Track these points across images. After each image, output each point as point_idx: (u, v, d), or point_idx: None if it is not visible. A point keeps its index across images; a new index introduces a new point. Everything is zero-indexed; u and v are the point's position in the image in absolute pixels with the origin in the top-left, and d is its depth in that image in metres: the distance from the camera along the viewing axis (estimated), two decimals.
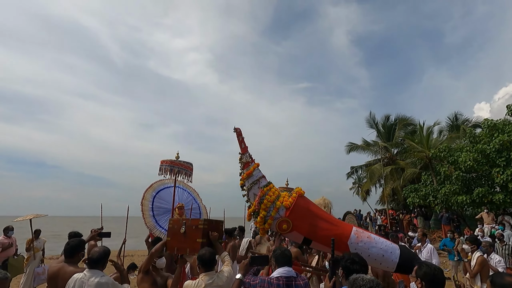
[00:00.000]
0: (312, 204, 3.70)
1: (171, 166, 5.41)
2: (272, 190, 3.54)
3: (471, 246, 4.96)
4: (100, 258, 2.56)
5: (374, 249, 3.23)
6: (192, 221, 2.93)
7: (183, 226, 2.88)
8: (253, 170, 3.60)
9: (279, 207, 3.41)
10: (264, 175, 3.69)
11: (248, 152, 3.69)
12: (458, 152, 13.32)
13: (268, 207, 3.41)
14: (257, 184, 3.57)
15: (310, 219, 3.41)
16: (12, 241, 6.87)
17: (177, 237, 2.90)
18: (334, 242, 3.06)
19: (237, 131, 3.71)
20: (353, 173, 22.74)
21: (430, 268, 2.04)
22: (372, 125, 21.91)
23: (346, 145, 22.56)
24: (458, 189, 12.88)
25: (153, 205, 6.34)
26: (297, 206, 3.45)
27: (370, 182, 20.00)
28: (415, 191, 14.97)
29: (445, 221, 12.98)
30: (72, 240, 2.99)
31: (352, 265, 2.13)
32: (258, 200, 3.45)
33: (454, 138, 17.17)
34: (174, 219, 3.07)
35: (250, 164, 3.64)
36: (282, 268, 2.46)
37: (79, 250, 2.88)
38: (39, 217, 6.84)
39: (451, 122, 19.27)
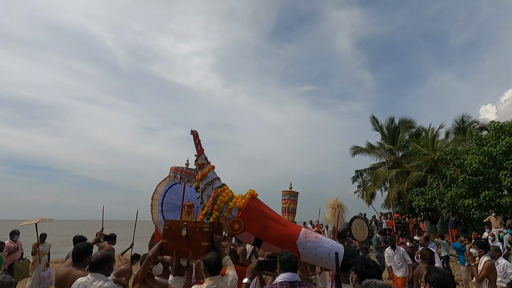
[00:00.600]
0: (264, 206, 3.80)
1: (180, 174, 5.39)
2: (226, 192, 3.65)
3: (479, 251, 4.88)
4: (99, 261, 2.54)
5: (321, 248, 3.40)
6: (196, 224, 2.83)
7: (185, 228, 2.77)
8: (207, 172, 3.71)
9: (232, 208, 3.51)
10: (218, 177, 3.81)
11: (204, 154, 3.82)
12: (464, 154, 13.17)
13: (221, 207, 3.50)
14: (211, 185, 3.69)
15: (261, 220, 3.52)
16: (18, 245, 6.94)
17: (176, 239, 2.78)
18: (284, 242, 3.39)
19: (194, 134, 3.82)
20: (358, 177, 22.58)
21: (440, 273, 1.99)
22: (376, 128, 21.79)
23: (350, 148, 22.44)
24: (464, 192, 12.71)
25: (164, 200, 6.21)
26: (249, 207, 3.57)
27: (375, 186, 19.81)
28: (421, 194, 14.80)
29: (452, 224, 12.79)
30: (80, 244, 3.02)
31: (368, 269, 2.10)
32: (212, 201, 3.55)
33: (460, 140, 16.98)
34: (171, 221, 2.92)
35: (205, 166, 3.74)
36: (286, 273, 2.44)
37: (87, 254, 2.88)
38: (45, 221, 6.91)
39: (457, 125, 19.08)
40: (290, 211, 7.00)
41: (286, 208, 6.94)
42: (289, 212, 7.01)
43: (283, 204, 6.97)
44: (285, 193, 7.00)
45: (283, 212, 7.08)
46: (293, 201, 6.96)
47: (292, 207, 6.99)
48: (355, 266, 2.17)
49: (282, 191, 7.03)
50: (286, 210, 6.99)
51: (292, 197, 6.96)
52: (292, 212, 7.05)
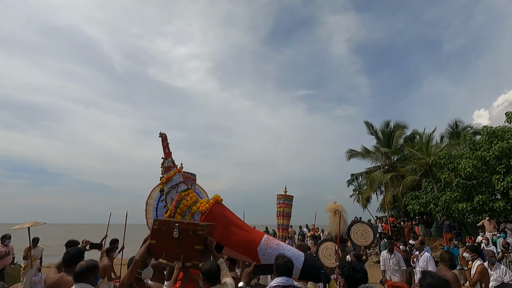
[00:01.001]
0: (228, 211, 3.79)
1: None
2: (190, 196, 3.65)
3: (472, 255, 4.93)
4: (83, 271, 2.46)
5: None
6: (188, 225, 2.59)
7: (176, 229, 2.53)
8: (173, 175, 3.70)
9: (195, 212, 3.51)
10: (184, 181, 3.82)
11: (171, 157, 3.81)
12: (458, 159, 13.30)
13: (184, 211, 3.50)
14: (176, 188, 3.68)
15: (224, 225, 3.48)
16: (9, 249, 6.85)
17: (166, 241, 2.54)
18: (244, 248, 3.37)
19: (162, 136, 3.82)
20: (353, 180, 22.67)
21: (434, 278, 2.01)
22: (371, 132, 21.94)
23: (346, 151, 22.56)
24: (458, 196, 12.82)
25: (158, 205, 6.18)
26: (212, 212, 3.55)
27: (370, 189, 19.92)
28: (415, 198, 14.90)
29: (446, 228, 12.87)
30: (71, 248, 2.95)
31: (355, 273, 2.10)
32: (175, 204, 3.55)
33: (454, 145, 17.17)
34: (161, 220, 2.68)
35: (172, 169, 3.74)
36: (280, 278, 2.47)
37: (78, 259, 2.80)
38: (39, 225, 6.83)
39: (451, 129, 19.30)
40: (285, 215, 7.00)
41: (281, 212, 6.94)
42: (284, 216, 7.01)
43: (278, 208, 6.96)
44: (279, 196, 7.00)
45: (278, 216, 7.07)
46: (287, 205, 6.96)
47: (287, 211, 6.99)
48: (342, 270, 2.17)
49: (277, 195, 7.03)
50: (280, 214, 6.99)
51: (286, 200, 6.96)
52: (287, 216, 7.05)
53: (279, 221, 7.06)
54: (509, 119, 12.75)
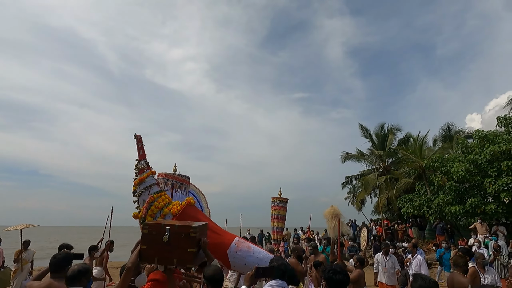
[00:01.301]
0: (200, 214, 3.90)
1: (165, 179, 5.35)
2: (162, 198, 3.72)
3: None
4: (75, 275, 2.42)
5: (251, 258, 3.50)
6: (180, 228, 2.48)
7: (167, 233, 2.43)
8: (146, 177, 3.79)
9: (166, 214, 3.58)
10: (157, 183, 3.90)
11: (145, 159, 3.90)
12: (451, 162, 13.47)
13: (155, 213, 3.57)
14: (148, 190, 3.75)
15: None
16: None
17: (157, 245, 2.43)
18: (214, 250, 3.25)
19: (137, 138, 3.93)
20: (348, 183, 22.76)
21: (425, 281, 2.03)
22: (365, 135, 22.11)
23: (341, 154, 22.68)
24: (451, 199, 12.96)
25: None
26: (184, 214, 3.62)
27: (365, 192, 20.03)
28: (409, 201, 15.02)
29: (440, 231, 13.00)
30: (59, 253, 2.82)
31: (335, 275, 2.11)
32: (146, 206, 3.61)
33: (447, 148, 17.37)
34: (152, 224, 2.57)
35: (145, 171, 3.82)
36: (274, 281, 2.48)
37: (66, 264, 2.69)
38: (31, 227, 6.73)
39: (444, 133, 19.54)
40: (279, 217, 7.02)
41: (276, 215, 6.96)
42: (279, 218, 7.03)
43: (273, 211, 6.98)
44: (274, 199, 7.02)
45: (273, 218, 7.09)
46: (282, 208, 6.99)
47: (281, 213, 7.01)
48: (323, 273, 2.19)
49: (272, 198, 7.05)
50: (275, 217, 7.01)
51: (281, 203, 6.98)
52: (282, 218, 7.07)
53: (274, 224, 7.08)
54: (501, 124, 12.97)
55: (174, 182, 5.46)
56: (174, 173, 5.54)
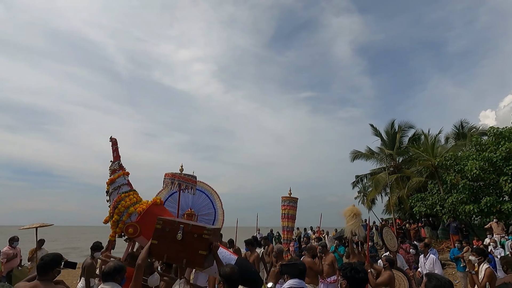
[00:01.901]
0: (166, 213, 3.98)
1: (178, 180, 5.39)
2: (130, 197, 3.88)
3: (478, 258, 4.84)
4: (110, 272, 2.47)
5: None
6: (194, 228, 2.44)
7: (180, 231, 2.40)
8: (116, 177, 4.02)
9: (132, 213, 3.74)
10: (128, 183, 4.09)
11: (119, 161, 4.14)
12: (464, 160, 13.15)
13: (121, 212, 3.75)
14: (117, 190, 3.96)
15: None
16: (16, 251, 6.90)
17: (169, 242, 2.40)
18: None
19: (113, 141, 4.19)
20: (358, 182, 22.52)
21: (440, 281, 1.98)
22: (376, 133, 21.82)
23: (350, 152, 22.43)
24: (465, 198, 12.66)
25: None
26: (148, 213, 3.74)
27: (375, 191, 19.75)
28: (421, 200, 14.75)
29: (453, 230, 12.72)
30: (47, 255, 2.70)
31: (357, 274, 2.09)
32: (114, 205, 3.80)
33: (460, 146, 16.98)
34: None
35: (117, 172, 4.05)
36: (292, 280, 2.48)
37: (53, 267, 2.60)
38: (45, 227, 6.86)
39: (457, 130, 19.11)
40: (289, 217, 6.98)
41: (286, 214, 6.93)
42: (289, 218, 6.99)
43: (283, 210, 6.96)
44: (284, 199, 6.99)
45: (283, 218, 7.06)
46: (292, 207, 6.95)
47: (291, 213, 6.98)
48: (344, 272, 2.15)
49: (282, 197, 7.02)
50: (285, 216, 6.97)
51: (291, 203, 6.95)
52: (292, 218, 7.04)
53: (284, 223, 7.04)
54: None
55: (181, 182, 5.47)
56: (180, 173, 5.55)
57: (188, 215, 5.89)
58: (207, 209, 6.57)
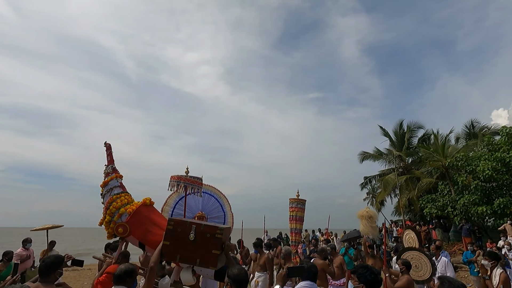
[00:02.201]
0: (154, 213, 4.14)
1: (178, 181, 5.41)
2: (121, 198, 4.04)
3: (491, 262, 4.72)
4: (120, 275, 2.46)
5: None
6: (206, 228, 2.46)
7: (192, 232, 2.42)
8: (109, 180, 4.22)
9: (123, 213, 3.89)
10: (121, 185, 4.27)
11: (112, 165, 4.35)
12: (476, 160, 12.88)
13: (113, 212, 3.89)
14: (110, 192, 4.13)
15: (146, 225, 3.83)
16: (30, 253, 7.05)
17: (181, 243, 2.41)
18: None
19: (107, 146, 4.43)
20: (366, 184, 22.28)
21: (453, 284, 1.96)
22: (385, 134, 21.56)
23: (359, 153, 22.23)
24: (477, 199, 12.39)
25: (174, 212, 6.19)
26: (138, 213, 3.91)
27: (384, 193, 19.51)
28: (432, 202, 14.49)
29: (466, 233, 12.44)
30: (48, 257, 2.67)
31: (376, 277, 2.11)
32: (106, 206, 3.98)
33: (471, 146, 16.64)
34: (177, 220, 2.55)
35: (110, 175, 4.25)
36: (304, 282, 2.51)
37: (55, 268, 2.57)
38: (56, 228, 7.01)
39: (467, 130, 18.73)
40: (297, 219, 6.95)
41: (294, 216, 6.90)
42: (297, 220, 6.96)
43: (291, 212, 6.92)
44: (292, 201, 6.96)
45: (291, 220, 7.03)
46: (300, 209, 6.92)
47: (299, 215, 6.94)
48: (362, 276, 2.13)
49: (290, 199, 6.99)
50: (293, 218, 6.94)
51: (299, 204, 6.91)
52: (300, 220, 7.00)
53: (292, 225, 7.01)
54: None
55: (186, 184, 5.48)
56: (186, 175, 5.56)
57: (199, 218, 5.91)
58: (217, 212, 6.59)
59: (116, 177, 4.28)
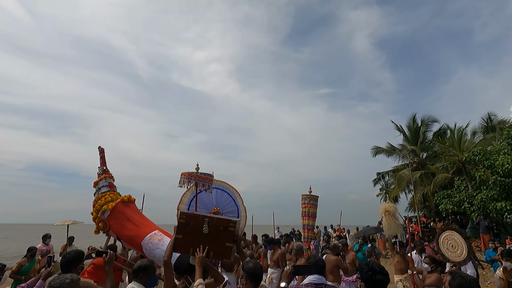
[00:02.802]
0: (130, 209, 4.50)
1: (188, 178, 5.47)
2: (106, 196, 4.48)
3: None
4: (136, 270, 2.55)
5: (159, 250, 3.81)
6: (219, 221, 2.48)
7: (206, 225, 2.43)
8: (99, 181, 4.74)
9: (105, 210, 4.33)
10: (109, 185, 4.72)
11: (104, 167, 4.87)
12: (495, 155, 12.47)
13: (98, 210, 4.35)
14: (98, 191, 4.64)
15: (121, 221, 4.22)
16: (49, 247, 7.31)
17: (194, 236, 2.42)
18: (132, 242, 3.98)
19: (100, 150, 4.96)
20: (379, 180, 21.95)
21: (465, 279, 1.93)
22: (398, 129, 21.13)
23: (371, 148, 21.90)
24: (496, 194, 12.00)
25: (189, 209, 6.30)
26: (115, 209, 4.33)
27: (398, 188, 19.16)
28: (448, 197, 14.15)
29: (484, 229, 12.10)
30: (68, 252, 2.71)
31: (374, 275, 1.94)
32: (93, 203, 4.48)
33: (489, 140, 16.12)
34: (189, 214, 2.54)
35: (100, 176, 4.76)
36: (313, 276, 2.48)
37: (76, 264, 2.61)
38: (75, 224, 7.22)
39: (485, 123, 18.14)
40: (310, 215, 6.91)
41: (306, 212, 6.85)
42: (309, 216, 6.91)
43: (303, 208, 6.89)
44: (304, 197, 6.92)
45: (303, 216, 6.99)
46: (313, 205, 6.87)
47: (312, 211, 6.90)
48: (361, 274, 2.00)
49: (302, 195, 6.95)
50: (306, 214, 6.90)
51: (312, 201, 6.86)
52: (312, 216, 6.96)
53: (304, 221, 6.98)
54: None
55: (197, 181, 5.53)
56: (196, 172, 5.60)
57: (214, 213, 5.98)
58: (230, 206, 6.68)
59: (105, 178, 4.79)
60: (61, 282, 1.95)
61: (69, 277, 2.04)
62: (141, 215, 4.74)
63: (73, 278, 2.05)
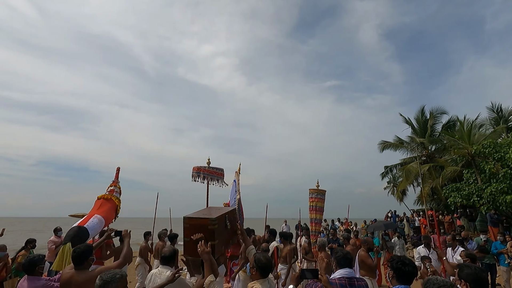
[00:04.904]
0: (96, 205, 5.02)
1: (204, 173, 5.48)
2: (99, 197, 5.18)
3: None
4: (170, 256, 2.91)
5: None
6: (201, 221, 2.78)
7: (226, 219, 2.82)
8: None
9: None
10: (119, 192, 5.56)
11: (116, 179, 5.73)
12: (505, 147, 12.26)
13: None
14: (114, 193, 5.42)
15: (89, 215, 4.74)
16: (61, 239, 7.50)
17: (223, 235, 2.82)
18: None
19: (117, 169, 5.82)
20: (387, 173, 21.81)
21: (471, 268, 2.00)
22: (406, 121, 20.86)
23: (378, 143, 21.70)
24: (506, 187, 11.86)
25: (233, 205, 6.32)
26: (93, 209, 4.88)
27: (406, 182, 19.02)
28: (457, 191, 14.02)
29: (493, 222, 11.99)
30: (79, 246, 2.80)
31: (403, 266, 2.12)
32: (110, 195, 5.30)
33: (499, 132, 15.82)
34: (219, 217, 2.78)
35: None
36: (343, 269, 2.51)
37: (87, 256, 2.74)
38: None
39: (496, 115, 17.77)
40: (317, 209, 6.92)
41: (314, 206, 6.87)
42: (317, 210, 6.93)
43: (310, 203, 6.89)
44: (312, 191, 6.92)
45: (311, 210, 7.00)
46: (320, 199, 6.87)
47: (319, 205, 6.91)
48: (391, 263, 2.19)
49: (309, 190, 6.95)
50: (313, 208, 6.92)
51: (319, 195, 6.87)
52: (320, 210, 6.97)
53: (312, 215, 7.00)
54: None
55: (206, 175, 5.53)
56: (207, 167, 5.59)
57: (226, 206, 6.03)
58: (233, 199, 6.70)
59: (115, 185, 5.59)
60: (112, 276, 2.07)
61: (119, 272, 2.15)
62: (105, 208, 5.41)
63: (123, 273, 2.17)
